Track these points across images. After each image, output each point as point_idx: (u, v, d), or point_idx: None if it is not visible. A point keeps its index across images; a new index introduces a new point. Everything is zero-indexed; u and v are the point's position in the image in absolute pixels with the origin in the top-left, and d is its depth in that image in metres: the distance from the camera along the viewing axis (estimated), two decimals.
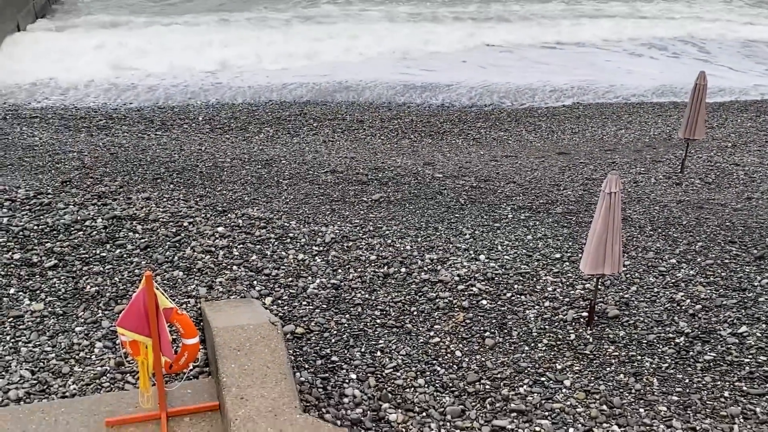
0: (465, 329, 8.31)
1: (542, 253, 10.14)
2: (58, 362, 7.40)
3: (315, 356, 7.73)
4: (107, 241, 9.51)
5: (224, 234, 9.88)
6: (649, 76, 26.00)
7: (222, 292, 8.59)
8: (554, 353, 7.95)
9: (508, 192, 12.88)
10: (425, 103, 21.87)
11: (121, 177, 12.15)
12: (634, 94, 23.71)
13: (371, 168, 14.13)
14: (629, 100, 23.19)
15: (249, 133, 17.71)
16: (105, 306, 8.28)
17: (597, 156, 16.35)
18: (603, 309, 8.72)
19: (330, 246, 9.90)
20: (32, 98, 20.02)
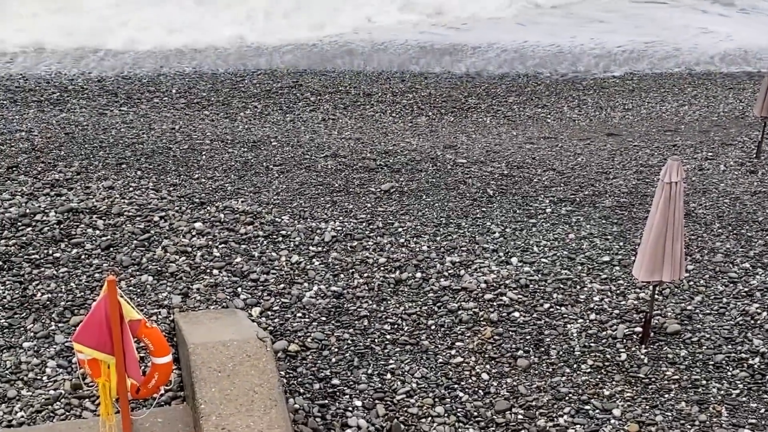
0: (493, 347, 8.31)
1: (587, 255, 10.12)
2: (2, 384, 7.45)
3: (312, 379, 7.75)
4: (62, 239, 9.55)
5: (203, 231, 9.91)
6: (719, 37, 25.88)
7: (200, 300, 8.61)
8: (601, 376, 7.94)
9: (546, 181, 12.86)
10: (446, 72, 21.84)
11: (79, 161, 12.18)
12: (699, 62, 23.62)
13: (380, 152, 14.13)
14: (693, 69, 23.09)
15: (233, 109, 17.73)
16: (59, 317, 8.31)
17: (654, 138, 16.29)
18: (661, 323, 8.70)
19: (330, 246, 9.92)
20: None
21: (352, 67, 22.24)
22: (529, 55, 23.79)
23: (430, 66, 22.63)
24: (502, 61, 23.17)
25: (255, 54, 22.87)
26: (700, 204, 12.05)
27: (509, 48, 24.20)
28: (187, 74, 20.52)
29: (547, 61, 23.36)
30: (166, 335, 7.97)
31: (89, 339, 6.17)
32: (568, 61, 23.39)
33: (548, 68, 22.79)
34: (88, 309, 8.31)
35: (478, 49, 23.92)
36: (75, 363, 7.61)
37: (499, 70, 22.45)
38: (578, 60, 23.50)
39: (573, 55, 23.85)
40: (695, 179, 13.32)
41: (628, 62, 23.54)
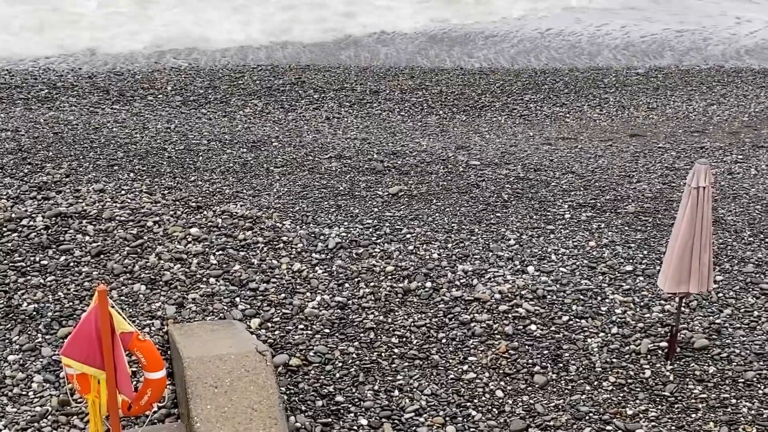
0: (508, 362, 8.29)
1: (609, 264, 10.10)
2: None
3: (314, 395, 7.74)
4: (49, 245, 9.57)
5: (199, 237, 9.92)
6: (756, 26, 25.78)
7: (196, 311, 8.62)
8: (624, 394, 7.92)
9: (565, 185, 12.84)
10: (458, 68, 21.85)
11: (68, 163, 12.22)
12: (725, 53, 23.55)
13: (388, 153, 14.13)
14: (723, 65, 23.05)
15: (231, 107, 17.76)
16: (46, 329, 8.32)
17: (681, 139, 16.26)
18: (687, 338, 8.67)
19: (334, 253, 9.92)
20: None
21: (357, 62, 22.28)
22: (543, 46, 23.78)
23: (441, 58, 22.66)
24: (516, 51, 23.17)
25: (253, 48, 22.92)
26: (730, 210, 12.01)
27: (524, 36, 24.20)
28: (183, 70, 20.58)
29: (563, 51, 23.35)
30: (159, 348, 7.97)
31: (78, 352, 6.17)
32: (585, 51, 23.37)
33: (562, 60, 22.78)
34: (76, 320, 8.32)
35: (491, 38, 23.93)
36: (63, 378, 7.61)
37: (510, 63, 22.45)
38: (599, 50, 23.48)
39: (595, 44, 23.83)
40: (724, 184, 13.28)
41: (654, 54, 23.51)
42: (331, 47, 23.32)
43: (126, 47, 22.39)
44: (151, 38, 23.20)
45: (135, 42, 22.88)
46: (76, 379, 6.35)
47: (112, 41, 22.70)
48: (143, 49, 22.39)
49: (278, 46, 23.26)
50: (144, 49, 22.41)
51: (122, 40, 22.91)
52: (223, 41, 23.30)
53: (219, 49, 22.78)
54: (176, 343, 7.58)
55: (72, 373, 6.36)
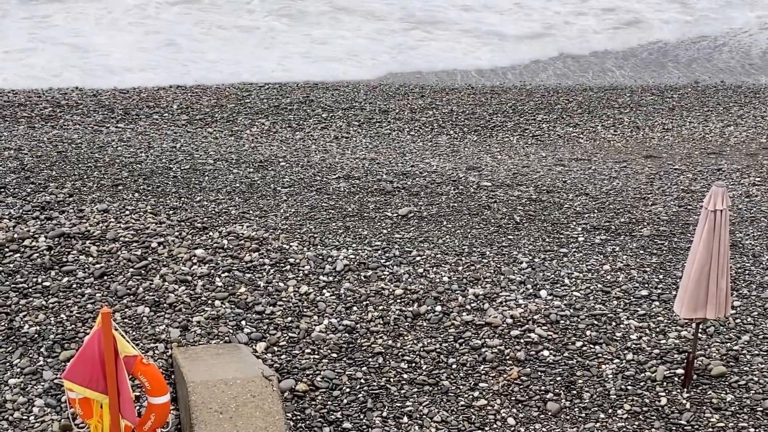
0: (520, 389, 8.27)
1: (623, 289, 10.08)
2: None
3: (321, 422, 7.73)
4: (52, 266, 9.60)
5: (204, 258, 9.94)
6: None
7: (200, 335, 8.62)
8: (639, 423, 7.88)
9: (579, 207, 12.84)
10: (468, 87, 21.90)
11: (71, 182, 12.27)
12: (744, 64, 23.53)
13: (397, 173, 14.16)
14: (742, 84, 23.05)
15: (238, 127, 17.83)
16: (48, 352, 8.34)
17: (697, 161, 16.25)
18: (705, 365, 8.64)
19: (342, 276, 9.92)
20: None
21: (364, 77, 22.36)
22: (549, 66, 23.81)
23: (451, 80, 22.72)
24: (524, 71, 23.21)
25: (259, 68, 23.02)
26: (748, 234, 11.99)
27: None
28: (189, 88, 20.67)
29: (569, 68, 23.36)
30: (163, 372, 7.98)
31: (81, 376, 6.18)
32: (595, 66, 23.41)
33: (570, 77, 22.81)
34: (79, 343, 8.34)
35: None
36: (65, 402, 7.62)
37: (518, 80, 22.50)
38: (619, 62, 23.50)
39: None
40: (742, 207, 13.26)
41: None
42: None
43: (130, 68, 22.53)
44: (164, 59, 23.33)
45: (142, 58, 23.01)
46: (78, 403, 6.36)
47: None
48: (151, 68, 22.51)
49: (283, 65, 23.36)
50: (151, 68, 22.53)
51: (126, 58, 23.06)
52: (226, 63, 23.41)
53: (225, 67, 22.88)
54: (180, 367, 7.59)
55: (74, 398, 6.37)
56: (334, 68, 23.48)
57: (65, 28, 24.76)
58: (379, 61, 24.37)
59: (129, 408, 6.27)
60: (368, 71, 23.66)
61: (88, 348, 6.17)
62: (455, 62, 24.68)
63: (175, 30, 25.45)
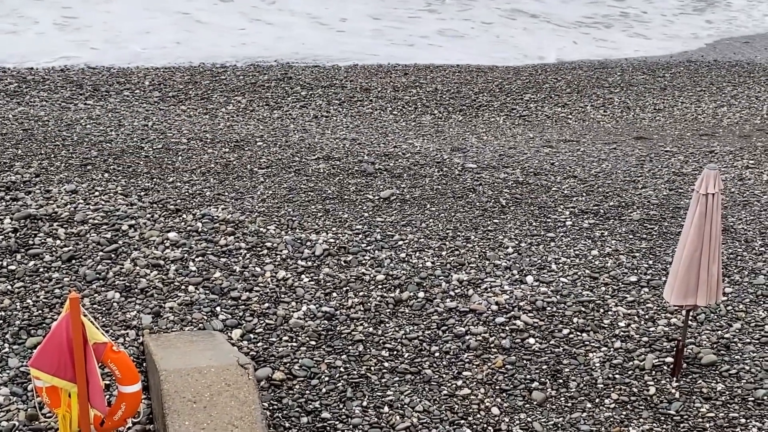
0: (505, 378, 8.31)
1: (612, 274, 10.13)
2: None
3: (299, 411, 7.75)
4: (17, 249, 9.56)
5: (177, 242, 9.91)
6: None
7: (173, 321, 8.62)
8: (627, 412, 7.94)
9: (567, 190, 12.88)
10: (454, 65, 21.90)
11: (38, 162, 12.20)
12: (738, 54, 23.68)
13: (379, 154, 14.16)
14: (736, 63, 23.15)
15: (213, 104, 17.77)
16: (13, 338, 8.31)
17: (689, 142, 16.34)
18: (695, 353, 8.70)
19: (321, 260, 9.92)
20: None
21: (346, 55, 22.31)
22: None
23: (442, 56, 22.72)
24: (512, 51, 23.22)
25: (235, 43, 22.92)
26: (740, 218, 12.06)
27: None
28: (161, 65, 20.57)
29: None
30: (134, 360, 7.97)
31: (48, 364, 6.17)
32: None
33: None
34: (46, 329, 8.31)
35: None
36: (31, 391, 7.60)
37: (516, 63, 22.53)
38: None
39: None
40: (735, 190, 13.34)
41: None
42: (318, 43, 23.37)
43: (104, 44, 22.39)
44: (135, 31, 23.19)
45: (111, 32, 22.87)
46: (45, 392, 6.35)
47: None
48: (121, 42, 22.38)
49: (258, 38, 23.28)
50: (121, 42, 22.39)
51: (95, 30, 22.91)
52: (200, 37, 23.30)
53: (199, 42, 22.78)
54: (152, 354, 7.58)
55: (41, 386, 6.36)
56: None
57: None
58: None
59: (98, 397, 6.26)
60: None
61: (56, 334, 6.15)
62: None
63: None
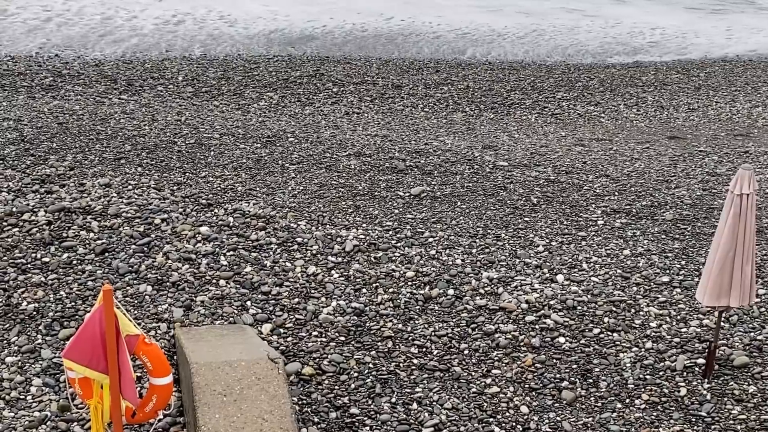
0: (535, 376, 8.28)
1: (644, 274, 10.07)
2: None
3: (328, 406, 7.76)
4: (52, 241, 9.64)
5: (209, 236, 9.96)
6: None
7: (204, 314, 8.66)
8: (657, 413, 7.89)
9: (599, 189, 12.82)
10: (486, 62, 21.85)
11: (72, 155, 12.31)
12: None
13: (410, 151, 14.15)
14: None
15: (245, 100, 17.84)
16: (47, 329, 8.39)
17: (723, 143, 16.19)
18: (727, 355, 8.63)
19: (352, 256, 9.94)
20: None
21: (379, 52, 22.32)
22: (569, 45, 23.71)
23: (471, 53, 22.67)
24: (551, 47, 23.13)
25: (267, 37, 22.98)
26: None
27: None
28: (195, 59, 20.68)
29: (592, 46, 23.26)
30: (166, 353, 8.01)
31: (81, 355, 6.21)
32: (619, 44, 23.29)
33: (594, 53, 22.72)
34: (79, 321, 8.39)
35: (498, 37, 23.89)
36: (64, 381, 7.67)
37: (547, 62, 22.43)
38: (631, 38, 23.40)
39: (630, 32, 23.74)
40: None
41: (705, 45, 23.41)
42: (360, 37, 23.38)
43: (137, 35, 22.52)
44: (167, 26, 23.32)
45: (143, 25, 23.01)
46: (77, 383, 6.40)
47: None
48: (154, 35, 22.50)
49: (291, 30, 23.31)
50: (154, 36, 22.52)
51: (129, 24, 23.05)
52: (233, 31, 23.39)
53: (233, 37, 22.85)
54: (183, 347, 7.63)
55: (74, 377, 6.40)
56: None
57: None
58: None
59: (130, 389, 6.30)
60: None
61: (89, 326, 6.19)
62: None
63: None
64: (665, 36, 25.55)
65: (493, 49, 23.21)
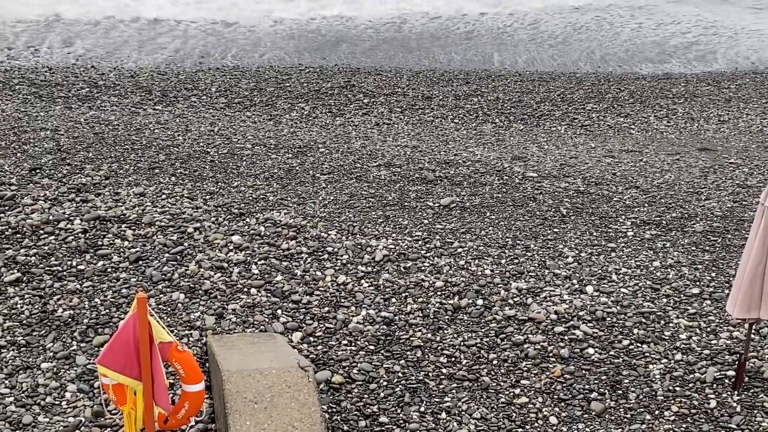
0: (564, 387, 8.25)
1: (673, 286, 10.01)
2: (17, 409, 7.59)
3: (357, 415, 7.77)
4: (87, 249, 9.73)
5: (241, 245, 10.01)
6: None
7: (236, 322, 8.70)
8: (687, 425, 7.83)
9: (628, 201, 12.75)
10: (515, 73, 21.81)
11: (108, 165, 12.42)
12: None
13: (440, 162, 14.15)
14: None
15: (277, 111, 17.92)
16: (81, 336, 8.46)
17: (754, 154, 16.06)
18: (757, 367, 8.56)
19: (381, 266, 9.95)
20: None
21: (407, 63, 22.35)
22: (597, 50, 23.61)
23: (502, 63, 22.64)
24: (580, 55, 23.04)
25: (298, 46, 23.08)
26: None
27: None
28: (228, 71, 20.81)
29: (622, 53, 23.16)
30: (198, 360, 8.06)
31: (115, 361, 6.26)
32: (653, 51, 23.17)
33: (625, 61, 22.62)
34: (113, 328, 8.46)
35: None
36: (98, 387, 7.74)
37: (577, 73, 22.35)
38: (664, 48, 23.27)
39: (658, 43, 23.63)
40: None
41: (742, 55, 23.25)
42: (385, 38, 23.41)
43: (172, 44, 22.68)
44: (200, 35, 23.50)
45: (178, 35, 23.19)
46: (111, 389, 6.45)
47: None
48: (188, 46, 22.66)
49: (321, 35, 23.39)
50: (188, 45, 22.68)
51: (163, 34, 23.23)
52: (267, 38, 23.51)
53: (267, 48, 22.97)
54: (215, 355, 7.67)
55: (108, 383, 6.45)
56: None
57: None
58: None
59: (163, 395, 6.34)
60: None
61: (123, 333, 6.24)
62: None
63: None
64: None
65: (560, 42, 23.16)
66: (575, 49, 24.47)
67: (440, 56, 23.26)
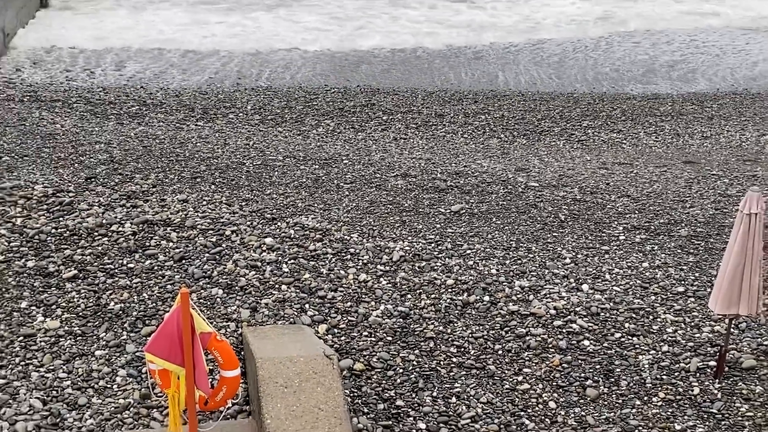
0: (561, 375, 8.22)
1: (661, 285, 9.96)
2: (73, 391, 7.64)
3: (376, 399, 7.77)
4: (136, 249, 9.78)
5: (273, 246, 10.04)
6: None
7: (268, 315, 8.72)
8: (672, 410, 7.79)
9: (620, 208, 12.70)
10: (519, 93, 21.76)
11: (155, 174, 12.48)
12: None
13: (451, 173, 14.13)
14: None
15: (306, 127, 17.94)
16: (131, 327, 8.50)
17: (733, 167, 15.95)
18: (736, 358, 8.50)
19: (398, 265, 9.95)
20: (53, 78, 20.78)
21: (421, 83, 22.33)
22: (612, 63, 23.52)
23: (507, 84, 22.59)
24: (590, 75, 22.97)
25: (323, 69, 23.11)
26: None
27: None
28: (262, 91, 20.86)
29: (614, 75, 23.05)
30: (234, 349, 8.08)
31: (161, 350, 6.30)
32: (641, 69, 23.07)
33: (614, 81, 22.51)
34: (159, 320, 8.49)
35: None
36: (145, 373, 7.77)
37: (575, 94, 22.29)
38: (653, 66, 23.15)
39: (647, 62, 23.52)
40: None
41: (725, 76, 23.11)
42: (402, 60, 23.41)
43: (211, 68, 22.78)
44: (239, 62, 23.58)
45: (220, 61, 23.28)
46: (157, 374, 6.49)
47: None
48: (226, 70, 22.75)
49: (346, 62, 23.41)
50: (227, 70, 22.77)
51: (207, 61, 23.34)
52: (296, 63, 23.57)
53: (297, 70, 23.03)
54: (250, 344, 7.69)
55: (154, 369, 6.49)
56: None
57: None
58: None
59: (203, 380, 6.37)
60: None
61: (168, 324, 6.28)
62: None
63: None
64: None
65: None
66: (571, 67, 24.38)
67: (451, 77, 23.22)
